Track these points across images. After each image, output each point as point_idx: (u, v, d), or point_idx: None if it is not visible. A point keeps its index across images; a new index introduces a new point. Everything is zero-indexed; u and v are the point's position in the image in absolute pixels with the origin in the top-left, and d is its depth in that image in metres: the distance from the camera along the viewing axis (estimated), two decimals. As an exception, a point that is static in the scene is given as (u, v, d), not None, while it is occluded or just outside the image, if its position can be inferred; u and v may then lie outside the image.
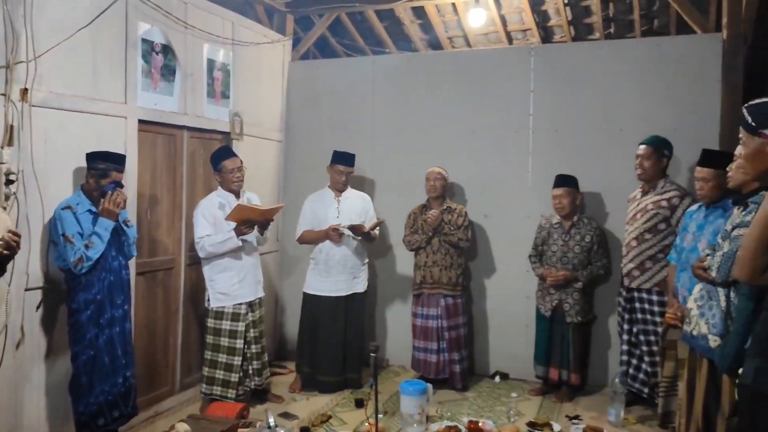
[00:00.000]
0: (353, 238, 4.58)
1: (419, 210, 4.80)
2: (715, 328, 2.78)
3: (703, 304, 2.90)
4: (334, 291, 4.59)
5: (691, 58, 4.51)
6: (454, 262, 4.66)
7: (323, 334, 4.59)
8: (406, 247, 4.81)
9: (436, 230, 4.63)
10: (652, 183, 4.15)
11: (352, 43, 6.38)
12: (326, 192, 4.72)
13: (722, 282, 2.76)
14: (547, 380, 4.54)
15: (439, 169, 4.75)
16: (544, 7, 5.64)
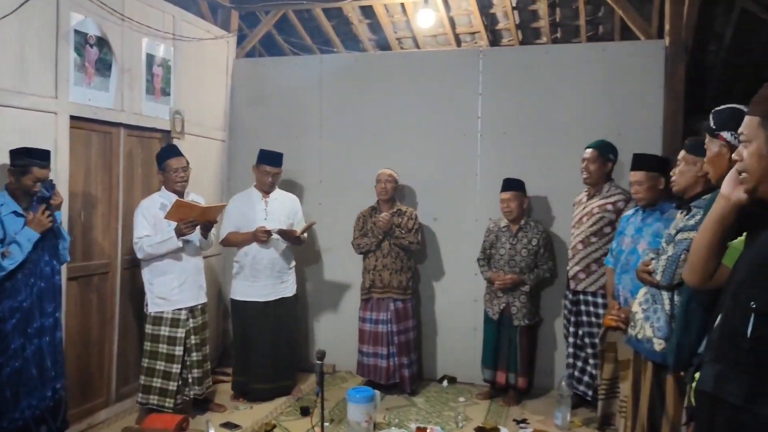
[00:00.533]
0: (281, 241, 4.45)
1: (369, 212, 4.72)
2: (660, 332, 2.81)
3: (648, 307, 2.92)
4: (262, 296, 4.43)
5: (635, 63, 4.58)
6: (404, 265, 4.59)
7: (254, 340, 4.42)
8: (356, 250, 4.72)
9: (386, 233, 4.56)
10: (597, 187, 4.19)
11: (299, 42, 6.25)
12: (252, 192, 4.56)
13: (667, 286, 2.81)
14: (495, 384, 4.53)
15: (390, 170, 4.68)
16: (492, 10, 5.64)
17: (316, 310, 5.29)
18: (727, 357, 1.56)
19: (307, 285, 5.29)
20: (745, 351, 1.50)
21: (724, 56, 5.64)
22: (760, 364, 1.47)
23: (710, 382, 1.58)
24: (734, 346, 1.54)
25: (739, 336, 1.52)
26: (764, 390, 1.45)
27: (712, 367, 1.60)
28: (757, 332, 1.48)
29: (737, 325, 1.53)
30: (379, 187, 4.64)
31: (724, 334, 1.59)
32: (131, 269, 4.25)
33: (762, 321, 1.47)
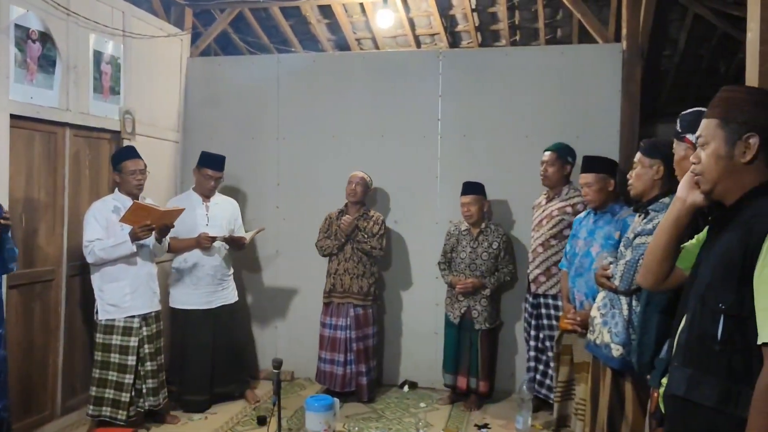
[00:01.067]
0: (224, 247, 4.32)
1: (336, 214, 4.62)
2: (618, 337, 2.81)
3: (606, 312, 2.92)
4: (204, 303, 4.28)
5: (592, 67, 4.61)
6: (366, 270, 4.51)
7: (192, 350, 4.27)
8: (319, 252, 4.61)
9: (349, 236, 4.47)
10: (556, 189, 4.20)
11: (256, 41, 6.11)
12: (192, 196, 4.40)
13: (625, 291, 2.80)
14: (456, 389, 4.49)
15: (363, 173, 4.59)
16: (452, 12, 5.62)
17: (274, 315, 5.16)
18: (698, 360, 1.56)
19: (265, 290, 5.16)
20: (717, 353, 1.51)
21: (678, 61, 5.74)
22: (731, 366, 1.48)
23: (682, 387, 1.58)
24: (705, 349, 1.54)
25: (710, 338, 1.52)
26: (737, 391, 1.46)
27: (683, 371, 1.59)
28: (727, 334, 1.49)
29: (707, 327, 1.54)
30: (349, 188, 4.54)
31: (693, 337, 1.59)
32: (79, 276, 4.06)
33: (731, 322, 1.48)
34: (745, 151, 1.53)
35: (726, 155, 1.56)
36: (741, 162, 1.54)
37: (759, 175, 1.55)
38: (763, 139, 1.52)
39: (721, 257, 1.54)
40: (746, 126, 1.53)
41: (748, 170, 1.55)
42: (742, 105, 1.55)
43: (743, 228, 1.50)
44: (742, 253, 1.47)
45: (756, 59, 1.90)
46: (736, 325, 1.47)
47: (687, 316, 1.64)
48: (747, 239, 1.47)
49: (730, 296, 1.48)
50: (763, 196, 1.52)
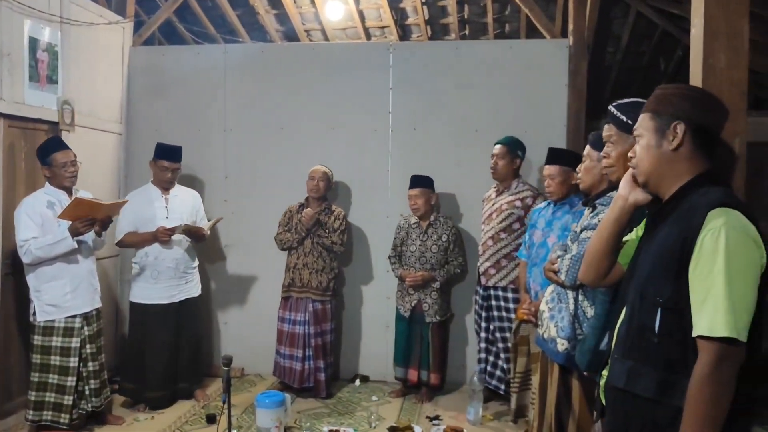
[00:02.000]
0: (185, 240, 4.22)
1: (296, 208, 4.55)
2: (563, 332, 2.80)
3: (554, 306, 2.92)
4: (166, 298, 4.18)
5: (540, 61, 4.68)
6: (326, 265, 4.46)
7: (151, 345, 4.16)
8: (278, 245, 4.54)
9: (309, 231, 4.41)
10: (506, 183, 4.24)
11: (201, 30, 5.96)
12: (150, 189, 4.29)
13: (570, 285, 2.81)
14: (407, 382, 4.50)
15: (325, 168, 4.53)
16: (402, 5, 5.61)
17: (221, 310, 5.07)
18: (638, 352, 1.59)
19: (212, 284, 5.05)
20: (655, 345, 1.54)
21: (621, 57, 5.90)
22: (669, 358, 1.51)
23: (622, 378, 1.61)
24: (644, 341, 1.57)
25: (648, 331, 1.55)
26: (674, 382, 1.49)
27: (623, 363, 1.62)
28: (664, 326, 1.52)
29: (645, 320, 1.57)
30: (311, 184, 4.48)
31: (632, 330, 1.61)
32: (12, 275, 3.86)
33: (669, 315, 1.51)
34: (674, 138, 1.57)
35: (656, 145, 1.60)
36: (669, 150, 1.58)
37: (693, 167, 1.58)
38: (691, 128, 1.56)
39: (659, 251, 1.57)
40: (674, 116, 1.58)
41: (679, 160, 1.59)
42: (671, 98, 1.60)
43: (680, 222, 1.53)
44: (679, 246, 1.50)
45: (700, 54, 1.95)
46: (674, 317, 1.50)
47: (626, 309, 1.67)
48: (684, 233, 1.49)
49: (668, 289, 1.51)
50: (698, 189, 1.55)
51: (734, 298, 1.41)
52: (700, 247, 1.45)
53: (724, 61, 1.90)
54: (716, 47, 1.92)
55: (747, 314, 1.42)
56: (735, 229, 1.43)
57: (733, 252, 1.42)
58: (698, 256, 1.45)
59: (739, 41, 1.91)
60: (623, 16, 5.43)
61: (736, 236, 1.43)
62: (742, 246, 1.43)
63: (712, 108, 1.61)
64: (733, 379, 1.42)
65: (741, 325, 1.41)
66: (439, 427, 3.91)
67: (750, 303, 1.43)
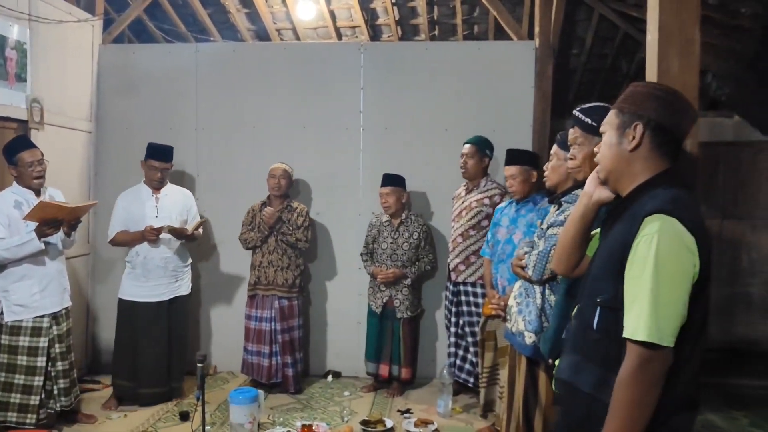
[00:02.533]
0: (173, 239, 4.25)
1: (259, 206, 4.59)
2: (531, 325, 2.91)
3: (522, 301, 3.02)
4: (154, 296, 4.21)
5: (507, 63, 4.79)
6: (291, 262, 4.51)
7: (144, 342, 4.20)
8: (242, 245, 4.58)
9: (273, 228, 4.46)
10: (475, 181, 4.35)
11: (172, 29, 5.95)
12: (142, 189, 4.32)
13: (538, 280, 2.91)
14: (378, 376, 4.58)
15: (285, 165, 4.57)
16: (372, 5, 5.68)
17: (195, 309, 5.07)
18: (582, 347, 1.65)
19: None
20: (594, 342, 1.60)
21: (585, 59, 6.05)
22: (607, 355, 1.56)
23: (567, 371, 1.68)
24: (586, 338, 1.63)
25: (589, 328, 1.61)
26: (609, 379, 1.52)
27: (570, 357, 1.69)
28: (602, 325, 1.58)
29: (588, 317, 1.63)
30: (272, 182, 4.52)
31: (580, 326, 1.68)
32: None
33: (607, 314, 1.56)
34: (632, 139, 1.60)
35: (616, 143, 1.64)
36: (627, 150, 1.61)
37: (650, 168, 1.61)
38: (651, 129, 1.59)
39: (605, 250, 1.62)
40: (635, 115, 1.60)
41: (637, 160, 1.61)
42: (638, 96, 1.63)
43: (626, 224, 1.56)
44: (620, 249, 1.54)
45: (655, 59, 2.07)
46: (611, 317, 1.54)
47: (578, 305, 1.74)
48: (625, 236, 1.54)
49: (608, 289, 1.56)
50: (652, 191, 1.57)
51: (659, 304, 1.44)
52: (635, 251, 1.49)
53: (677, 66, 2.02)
54: (670, 53, 2.03)
55: (673, 320, 1.45)
56: (668, 236, 1.46)
57: (664, 259, 1.45)
58: (632, 260, 1.49)
59: (691, 47, 2.02)
60: (587, 19, 5.58)
61: (668, 243, 1.45)
62: (674, 253, 1.46)
63: (677, 109, 1.61)
64: (658, 382, 1.46)
65: (666, 330, 1.44)
66: (410, 420, 4.00)
67: (678, 309, 1.45)
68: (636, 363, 1.45)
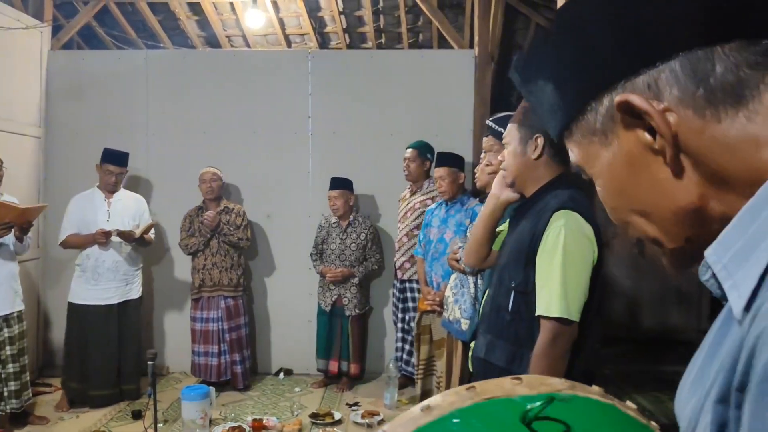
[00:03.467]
0: (124, 243, 4.34)
1: (195, 212, 4.71)
2: (466, 313, 3.17)
3: (457, 291, 3.28)
4: (104, 299, 4.29)
5: (449, 71, 5.02)
6: (234, 262, 4.65)
7: (94, 345, 4.27)
8: (183, 251, 4.69)
9: (214, 231, 4.59)
10: (418, 184, 4.56)
11: (122, 35, 6.00)
12: (95, 193, 4.41)
13: (471, 272, 3.17)
14: (328, 373, 4.75)
15: (214, 169, 4.70)
16: (320, 13, 5.85)
17: (147, 312, 5.15)
18: (495, 328, 1.87)
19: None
20: (507, 322, 1.83)
21: (525, 66, 6.34)
22: (518, 333, 1.80)
23: (482, 350, 1.90)
24: (500, 319, 1.86)
25: (503, 310, 1.84)
26: (522, 354, 1.77)
27: (484, 337, 1.92)
28: (515, 306, 1.80)
29: (501, 301, 1.85)
30: (205, 186, 4.65)
31: (492, 309, 1.90)
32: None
33: (519, 297, 1.79)
34: (535, 149, 1.84)
35: (521, 153, 1.87)
36: (532, 158, 1.85)
37: (550, 172, 1.86)
38: (549, 139, 1.81)
39: (515, 242, 1.85)
40: (535, 128, 1.84)
41: (539, 166, 1.86)
42: (533, 112, 1.85)
43: (533, 219, 1.80)
44: (529, 240, 1.77)
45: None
46: (523, 299, 1.78)
47: (489, 290, 1.97)
48: (533, 229, 1.77)
49: (519, 275, 1.79)
50: (552, 191, 1.82)
51: (567, 285, 1.67)
52: (545, 242, 1.73)
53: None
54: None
55: (578, 298, 1.69)
56: (572, 229, 1.70)
57: (569, 248, 1.68)
58: (542, 249, 1.73)
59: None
60: (524, 28, 5.87)
61: (573, 235, 1.69)
62: (577, 243, 1.70)
63: None
64: (566, 354, 1.70)
65: (573, 307, 1.67)
66: (357, 412, 4.18)
67: (581, 289, 1.70)
68: (549, 337, 1.68)
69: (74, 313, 4.33)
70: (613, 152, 0.61)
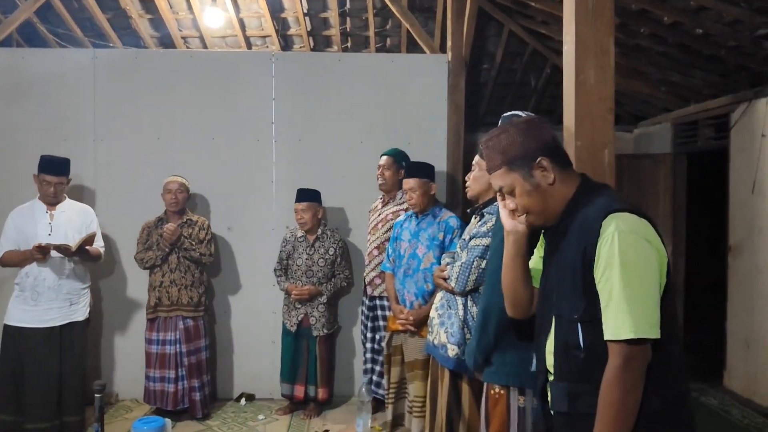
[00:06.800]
0: (68, 259, 3.91)
1: (154, 223, 4.31)
2: (453, 338, 2.86)
3: (443, 313, 2.97)
4: (45, 321, 3.83)
5: (421, 76, 4.79)
6: (196, 280, 4.28)
7: (31, 372, 3.80)
8: (139, 265, 4.29)
9: (174, 245, 4.20)
10: (391, 194, 4.30)
11: (67, 33, 5.57)
12: (36, 205, 3.96)
13: (460, 292, 2.87)
14: (294, 398, 4.41)
15: (181, 179, 4.33)
16: (283, 15, 5.55)
17: (94, 335, 4.70)
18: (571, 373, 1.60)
19: (83, 306, 4.69)
20: (582, 361, 1.56)
21: (495, 74, 6.18)
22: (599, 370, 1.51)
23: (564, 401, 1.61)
24: (573, 360, 1.58)
25: (574, 348, 1.57)
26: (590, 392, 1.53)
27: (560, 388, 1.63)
28: (587, 340, 1.55)
29: (568, 338, 1.59)
30: (169, 197, 4.26)
31: (561, 351, 1.63)
32: None
33: (588, 328, 1.54)
34: (545, 174, 1.65)
35: (533, 187, 1.67)
36: (548, 184, 1.66)
37: (570, 184, 1.67)
38: (548, 157, 1.64)
39: (561, 270, 1.62)
40: (529, 158, 1.65)
41: (558, 187, 1.66)
42: (512, 146, 1.67)
43: (579, 235, 1.58)
44: (581, 260, 1.55)
45: (572, 71, 2.07)
46: (593, 329, 1.53)
47: (550, 336, 1.68)
48: (583, 245, 1.55)
49: (581, 304, 1.55)
50: (584, 200, 1.63)
51: (633, 299, 1.46)
52: (599, 256, 1.51)
53: (594, 78, 2.03)
54: (586, 64, 2.04)
55: (650, 311, 1.47)
56: (625, 232, 1.49)
57: (626, 254, 1.47)
58: (598, 265, 1.51)
59: (606, 59, 2.05)
60: (497, 35, 5.71)
61: (627, 239, 1.48)
62: (633, 247, 1.49)
63: (542, 128, 1.70)
64: (639, 381, 1.46)
65: (645, 323, 1.45)
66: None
67: (652, 299, 1.47)
68: (621, 363, 1.46)
69: (9, 336, 3.86)
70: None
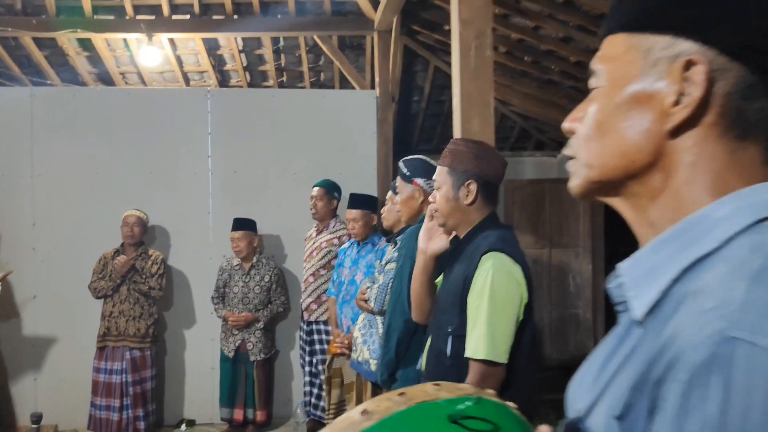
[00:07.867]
0: None
1: (111, 254, 4.44)
2: (375, 354, 3.14)
3: (366, 332, 3.26)
4: None
5: (351, 110, 5.08)
6: (144, 312, 4.41)
7: None
8: (92, 294, 4.40)
9: (125, 277, 4.34)
10: (324, 222, 4.53)
11: (4, 71, 5.64)
12: None
13: (379, 311, 3.15)
14: (233, 421, 4.56)
15: (138, 212, 4.48)
16: (219, 51, 5.77)
17: (32, 365, 4.76)
18: (436, 374, 1.85)
19: (22, 339, 4.72)
20: (447, 368, 1.82)
21: (425, 106, 6.53)
22: (459, 379, 1.75)
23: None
24: (440, 365, 1.85)
25: (442, 355, 1.84)
26: None
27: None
28: (454, 350, 1.81)
29: (441, 346, 1.85)
30: (125, 230, 4.41)
31: (433, 355, 1.90)
32: None
33: (456, 341, 1.80)
34: (468, 195, 1.87)
35: (453, 197, 1.89)
36: (465, 204, 1.88)
37: (481, 214, 1.89)
38: (480, 184, 1.87)
39: (450, 287, 1.87)
40: (467, 174, 1.87)
41: (472, 210, 1.88)
42: (464, 156, 1.90)
43: (465, 262, 1.83)
44: (461, 284, 1.80)
45: (459, 120, 2.38)
46: (461, 343, 1.78)
47: (431, 338, 1.96)
48: (465, 272, 1.80)
49: (456, 320, 1.80)
50: (482, 233, 1.86)
51: (493, 328, 1.69)
52: (474, 284, 1.76)
53: (478, 126, 2.34)
54: (471, 115, 2.35)
55: (505, 340, 1.71)
56: (499, 271, 1.73)
57: (496, 290, 1.71)
58: (472, 291, 1.76)
59: (488, 110, 2.36)
60: (424, 70, 6.06)
61: (500, 277, 1.72)
62: (504, 285, 1.73)
63: (496, 164, 1.91)
64: None
65: (499, 349, 1.70)
66: (266, 461, 4.03)
67: (508, 332, 1.72)
68: (477, 378, 1.69)
69: None
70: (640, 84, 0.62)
